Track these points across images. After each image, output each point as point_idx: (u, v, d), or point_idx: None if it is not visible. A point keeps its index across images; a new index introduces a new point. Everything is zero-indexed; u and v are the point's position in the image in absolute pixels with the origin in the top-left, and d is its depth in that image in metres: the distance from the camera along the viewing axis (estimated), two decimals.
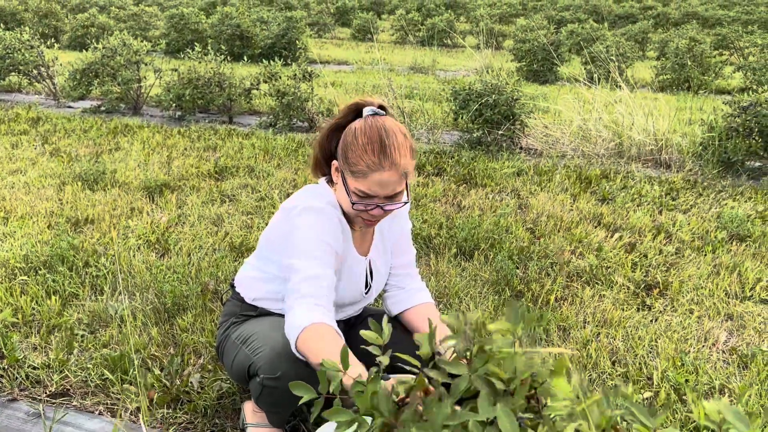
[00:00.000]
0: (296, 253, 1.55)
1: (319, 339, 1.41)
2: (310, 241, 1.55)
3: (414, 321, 1.79)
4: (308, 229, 1.56)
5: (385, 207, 1.55)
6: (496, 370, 1.04)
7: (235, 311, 1.79)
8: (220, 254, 2.93)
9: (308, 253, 1.54)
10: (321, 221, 1.57)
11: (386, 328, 1.18)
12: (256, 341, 1.65)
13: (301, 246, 1.55)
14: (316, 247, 1.55)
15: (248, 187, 3.98)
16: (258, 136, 5.34)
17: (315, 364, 1.40)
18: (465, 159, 4.80)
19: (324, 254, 1.55)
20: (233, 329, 1.76)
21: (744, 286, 2.85)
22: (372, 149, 1.49)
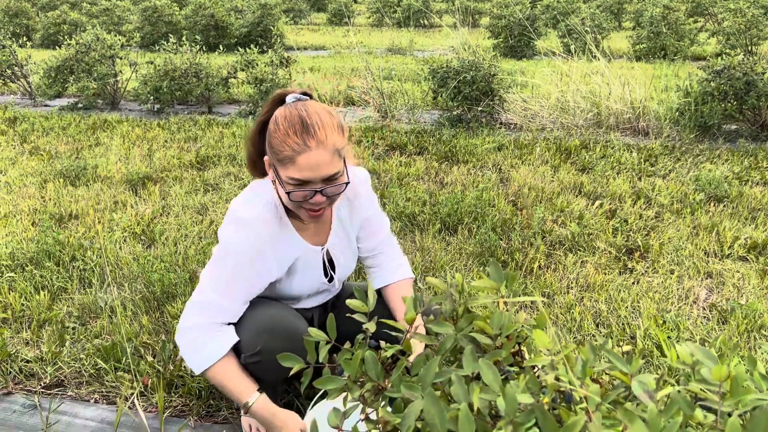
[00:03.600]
0: (211, 275, 1.55)
1: (228, 370, 1.54)
2: (225, 264, 1.54)
3: (391, 298, 1.81)
4: (230, 246, 1.54)
5: (325, 191, 1.47)
6: (484, 326, 1.08)
7: None
8: (207, 241, 2.95)
9: (223, 278, 1.54)
10: (242, 240, 1.54)
11: (371, 295, 1.21)
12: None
13: (217, 270, 1.55)
14: (228, 279, 1.54)
15: (231, 175, 3.99)
16: (238, 124, 5.33)
17: (223, 389, 1.55)
18: (446, 137, 4.83)
19: (241, 289, 1.56)
20: None
21: (722, 245, 2.92)
22: (294, 131, 1.43)
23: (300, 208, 1.52)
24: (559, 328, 2.24)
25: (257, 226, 1.54)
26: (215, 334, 1.54)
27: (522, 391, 0.93)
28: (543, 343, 1.00)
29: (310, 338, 1.17)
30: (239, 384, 1.54)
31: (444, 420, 0.81)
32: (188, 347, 1.54)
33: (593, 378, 1.06)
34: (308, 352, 1.16)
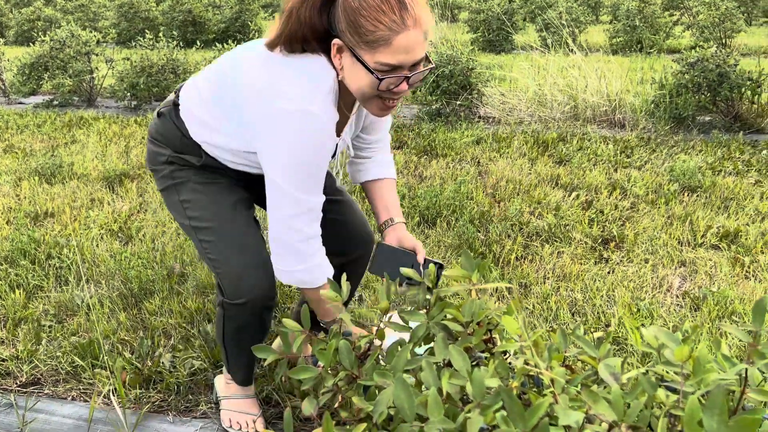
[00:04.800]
0: (287, 173, 1.35)
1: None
2: (309, 169, 1.36)
3: (374, 193, 1.71)
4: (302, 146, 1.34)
5: (411, 78, 1.29)
6: (456, 313, 1.09)
7: (174, 142, 1.57)
8: (184, 238, 2.94)
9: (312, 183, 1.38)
10: (318, 138, 1.34)
11: (344, 286, 1.22)
12: (215, 251, 1.55)
13: (293, 168, 1.35)
14: (311, 172, 1.38)
15: None
16: None
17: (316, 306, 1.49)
18: (425, 131, 4.84)
19: (319, 179, 1.40)
20: (180, 187, 1.59)
21: (695, 234, 2.97)
22: (390, 7, 1.22)
23: (378, 99, 1.34)
24: (536, 318, 2.27)
25: (325, 120, 1.33)
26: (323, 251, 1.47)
27: (491, 376, 0.95)
28: (512, 329, 1.02)
29: (284, 329, 1.18)
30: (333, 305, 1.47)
31: (413, 405, 0.82)
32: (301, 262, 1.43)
33: (567, 364, 1.08)
34: (283, 344, 1.17)
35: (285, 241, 1.42)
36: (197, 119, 1.51)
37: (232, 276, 1.54)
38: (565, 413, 0.79)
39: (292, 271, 1.45)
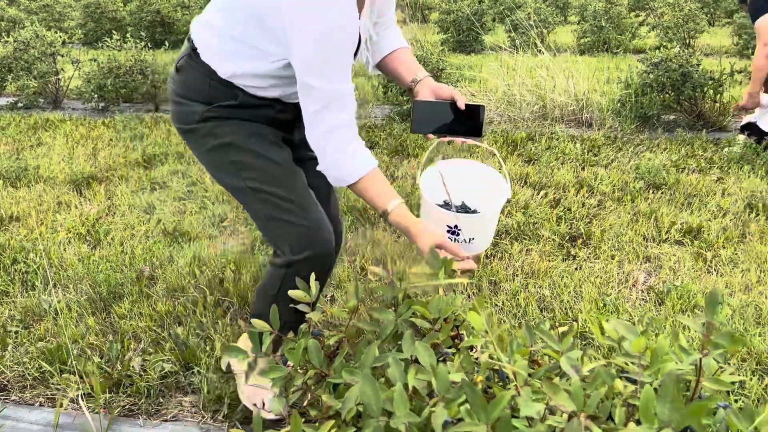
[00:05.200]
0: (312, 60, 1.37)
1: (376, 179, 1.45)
2: (329, 44, 1.36)
3: (392, 62, 1.67)
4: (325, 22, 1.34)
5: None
6: (423, 310, 1.11)
7: (203, 91, 1.55)
8: (153, 240, 2.91)
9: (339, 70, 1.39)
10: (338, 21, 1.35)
11: (314, 286, 1.23)
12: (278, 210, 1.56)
13: (317, 50, 1.36)
14: (342, 61, 1.39)
15: (179, 173, 3.94)
16: None
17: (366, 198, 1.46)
18: (396, 131, 4.86)
19: (344, 63, 1.40)
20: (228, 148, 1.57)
21: (660, 230, 3.04)
22: None
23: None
24: (505, 314, 2.31)
25: (344, 3, 1.37)
26: (358, 143, 1.45)
27: (456, 371, 0.97)
28: (477, 325, 1.04)
29: (253, 329, 1.19)
30: (384, 190, 1.45)
31: (379, 400, 0.84)
32: (341, 153, 1.43)
33: (534, 359, 1.11)
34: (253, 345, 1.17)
35: (318, 134, 1.42)
36: (221, 53, 1.51)
37: (302, 231, 1.56)
38: (526, 405, 0.81)
39: (330, 165, 1.44)
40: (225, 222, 3.21)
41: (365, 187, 1.45)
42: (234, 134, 1.57)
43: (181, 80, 1.58)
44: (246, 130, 1.58)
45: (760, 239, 2.92)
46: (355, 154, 1.44)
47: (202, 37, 1.54)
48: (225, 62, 1.51)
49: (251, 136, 1.58)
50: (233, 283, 2.48)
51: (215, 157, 1.60)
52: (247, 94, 1.55)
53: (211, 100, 1.55)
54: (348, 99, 1.43)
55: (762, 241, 2.90)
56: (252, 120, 1.59)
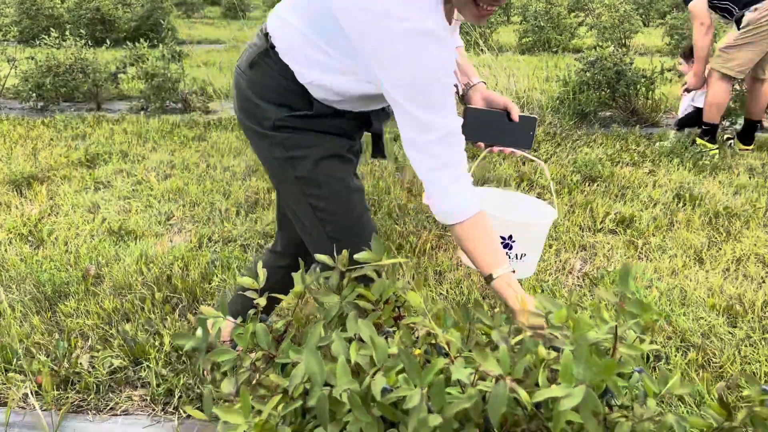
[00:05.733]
0: (416, 99, 1.27)
1: (484, 230, 1.34)
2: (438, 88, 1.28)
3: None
4: (425, 68, 1.25)
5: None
6: (365, 292, 1.18)
7: (277, 92, 1.46)
8: (98, 239, 2.89)
9: (443, 105, 1.29)
10: (441, 55, 1.27)
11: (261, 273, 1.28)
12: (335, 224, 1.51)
13: (420, 92, 1.27)
14: (446, 94, 1.30)
15: (123, 172, 3.89)
16: (129, 120, 5.18)
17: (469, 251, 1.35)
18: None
19: (449, 99, 1.31)
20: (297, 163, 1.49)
21: (595, 220, 3.19)
22: None
23: (473, 5, 1.27)
24: (450, 302, 2.40)
25: (442, 35, 1.27)
26: (468, 181, 1.35)
27: (396, 345, 1.04)
28: (416, 303, 1.11)
29: (202, 317, 1.23)
30: (491, 249, 1.33)
31: (323, 372, 0.90)
32: (446, 190, 1.33)
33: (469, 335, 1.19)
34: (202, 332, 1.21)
35: (427, 169, 1.33)
36: (302, 57, 1.40)
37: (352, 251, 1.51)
38: (458, 370, 0.89)
39: (438, 200, 1.35)
40: (172, 220, 3.20)
41: (469, 232, 1.35)
42: (304, 149, 1.49)
43: (254, 78, 1.48)
44: (318, 147, 1.49)
45: (686, 227, 3.10)
46: (465, 190, 1.34)
47: (284, 35, 1.42)
48: (306, 68, 1.41)
49: (320, 152, 1.49)
50: (181, 280, 2.49)
51: (281, 168, 1.52)
52: (321, 104, 1.46)
53: (285, 103, 1.46)
54: (460, 135, 1.34)
55: (688, 228, 3.09)
56: (324, 132, 1.50)
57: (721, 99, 4.19)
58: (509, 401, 0.95)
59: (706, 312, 2.34)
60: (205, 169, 3.95)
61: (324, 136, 1.49)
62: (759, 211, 3.29)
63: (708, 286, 2.52)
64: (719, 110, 4.23)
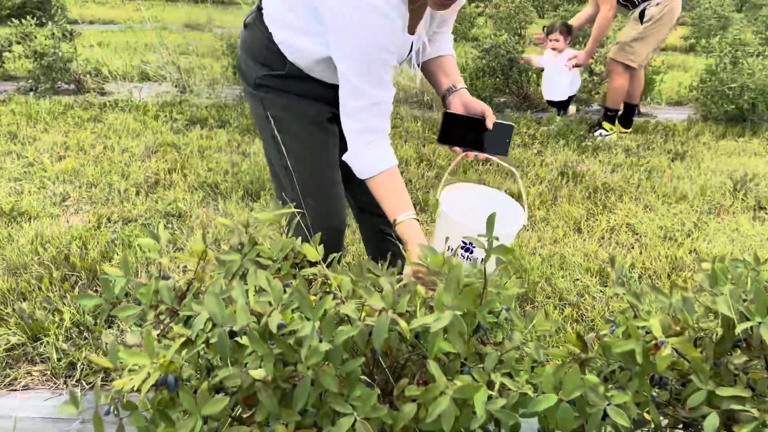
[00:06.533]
0: (353, 67, 1.40)
1: (392, 183, 1.47)
2: (376, 61, 1.39)
3: (434, 66, 1.68)
4: (367, 41, 1.37)
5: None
6: (264, 250, 1.26)
7: (261, 52, 1.60)
8: None
9: (377, 77, 1.41)
10: (383, 31, 1.37)
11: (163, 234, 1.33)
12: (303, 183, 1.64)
13: (358, 61, 1.39)
14: (382, 69, 1.41)
15: (12, 153, 3.73)
16: (17, 101, 4.92)
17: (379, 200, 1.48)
18: (248, 111, 4.91)
19: (385, 74, 1.43)
20: (275, 123, 1.63)
21: None
22: None
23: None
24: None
25: (392, 16, 1.37)
26: (384, 143, 1.48)
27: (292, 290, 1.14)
28: (311, 255, 1.21)
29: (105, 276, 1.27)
30: (398, 197, 1.47)
31: (223, 311, 0.98)
32: (366, 147, 1.46)
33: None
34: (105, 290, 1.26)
35: (349, 129, 1.46)
36: (279, 20, 1.53)
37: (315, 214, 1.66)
38: (346, 305, 1.00)
39: (354, 156, 1.48)
40: (67, 201, 3.12)
41: (380, 185, 1.48)
42: (281, 110, 1.62)
43: (244, 37, 1.62)
44: (292, 108, 1.62)
45: (568, 201, 3.38)
46: (378, 150, 1.47)
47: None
48: (282, 30, 1.53)
49: (297, 116, 1.63)
50: (80, 259, 2.46)
51: (262, 126, 1.66)
52: (293, 65, 1.57)
53: (265, 63, 1.59)
54: (388, 106, 1.47)
55: (570, 202, 3.37)
56: (302, 95, 1.62)
57: (624, 87, 4.58)
58: (394, 334, 1.07)
59: (581, 274, 2.59)
60: (102, 150, 3.85)
61: (301, 100, 1.62)
62: (632, 186, 3.63)
63: (584, 252, 2.78)
64: (622, 97, 4.62)
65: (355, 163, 1.50)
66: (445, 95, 1.66)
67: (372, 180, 1.49)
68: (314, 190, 1.68)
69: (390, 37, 1.40)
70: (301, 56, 1.55)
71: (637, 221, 3.14)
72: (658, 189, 3.58)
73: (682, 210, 3.32)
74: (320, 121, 1.67)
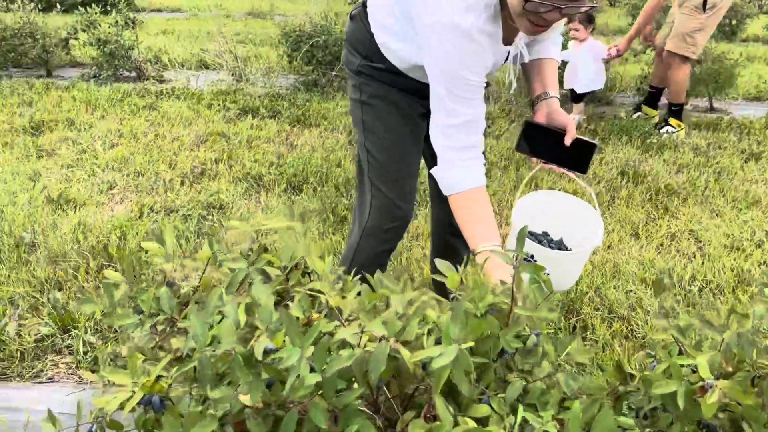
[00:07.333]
0: (442, 87, 1.37)
1: (476, 205, 1.40)
2: (462, 82, 1.35)
3: (532, 69, 1.59)
4: (454, 64, 1.34)
5: (564, 10, 1.23)
6: (273, 258, 1.18)
7: (364, 45, 1.61)
8: (35, 207, 2.83)
9: (464, 97, 1.37)
10: (467, 54, 1.34)
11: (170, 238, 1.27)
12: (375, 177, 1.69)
13: (447, 82, 1.36)
14: (465, 88, 1.36)
15: (68, 140, 3.80)
16: (79, 88, 5.04)
17: (459, 221, 1.42)
18: (300, 101, 4.87)
19: (474, 94, 1.38)
20: (366, 107, 1.66)
21: None
22: None
23: (526, 19, 1.29)
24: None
25: (473, 34, 1.32)
26: (475, 162, 1.42)
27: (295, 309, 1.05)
28: (320, 269, 1.12)
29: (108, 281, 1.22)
30: (482, 224, 1.39)
31: (206, 332, 0.90)
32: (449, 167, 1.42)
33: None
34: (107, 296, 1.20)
35: (438, 145, 1.42)
36: (381, 24, 1.55)
37: (383, 203, 1.70)
38: (342, 330, 0.90)
39: (440, 174, 1.44)
40: (114, 189, 3.15)
41: (461, 204, 1.42)
42: (374, 97, 1.65)
43: (350, 29, 1.66)
44: (387, 97, 1.64)
45: (627, 203, 3.17)
46: (467, 168, 1.41)
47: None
48: (381, 31, 1.55)
49: (388, 105, 1.65)
50: (118, 249, 2.46)
51: (354, 109, 1.70)
52: (392, 64, 1.59)
53: (367, 55, 1.61)
54: (479, 123, 1.41)
55: (629, 205, 3.16)
56: (399, 88, 1.63)
57: (686, 80, 4.31)
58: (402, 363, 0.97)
59: (635, 285, 2.41)
60: (154, 138, 3.88)
61: (397, 92, 1.63)
62: (698, 188, 3.37)
63: (640, 260, 2.59)
64: (684, 90, 4.35)
65: (441, 179, 1.46)
66: (534, 101, 1.58)
67: (453, 197, 1.44)
68: (387, 177, 1.70)
69: (478, 60, 1.37)
70: (400, 60, 1.57)
71: (702, 228, 2.91)
72: (728, 193, 3.32)
73: (753, 217, 3.05)
74: (411, 114, 1.67)
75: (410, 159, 1.73)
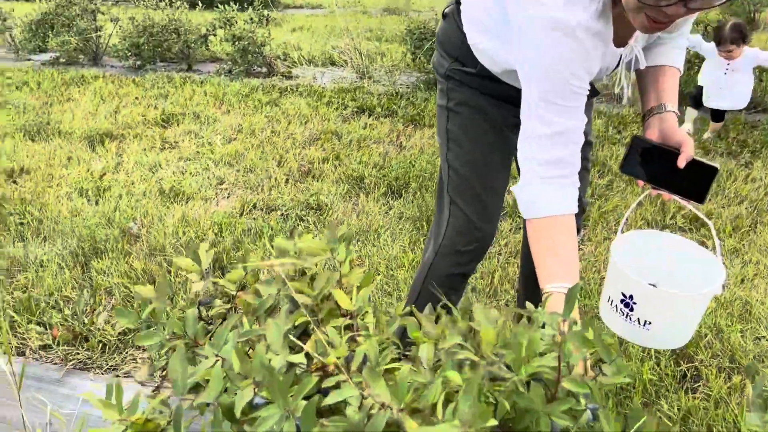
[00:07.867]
0: (536, 91, 1.20)
1: (558, 233, 1.20)
2: (560, 86, 1.18)
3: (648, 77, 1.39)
4: (553, 65, 1.17)
5: (692, 3, 1.04)
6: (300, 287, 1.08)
7: (455, 45, 1.49)
8: (149, 198, 2.96)
9: (562, 103, 1.19)
10: (571, 54, 1.16)
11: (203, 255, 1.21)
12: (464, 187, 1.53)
13: (542, 86, 1.19)
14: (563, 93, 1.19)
15: (191, 133, 3.98)
16: (212, 82, 5.29)
17: (532, 252, 1.22)
18: (418, 100, 4.77)
19: (573, 102, 1.20)
20: (452, 115, 1.54)
21: (665, 214, 2.90)
22: None
23: (642, 14, 1.11)
24: (478, 294, 2.25)
25: (578, 31, 1.15)
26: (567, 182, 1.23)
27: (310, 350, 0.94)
28: (344, 304, 1.00)
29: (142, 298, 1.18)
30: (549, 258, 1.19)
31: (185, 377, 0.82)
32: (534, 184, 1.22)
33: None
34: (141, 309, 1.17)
35: (526, 158, 1.24)
36: (475, 22, 1.42)
37: (465, 225, 1.56)
38: (339, 392, 0.78)
39: (521, 191, 1.25)
40: (224, 184, 3.23)
41: (540, 233, 1.21)
42: (462, 104, 1.53)
43: (441, 28, 1.57)
44: (475, 105, 1.51)
45: None
46: (556, 189, 1.21)
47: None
48: (474, 30, 1.42)
49: (476, 113, 1.51)
50: (212, 246, 2.50)
51: (440, 117, 1.59)
52: (484, 68, 1.45)
53: (458, 58, 1.50)
54: (576, 136, 1.22)
55: None
56: (490, 95, 1.50)
57: None
58: None
59: None
60: (270, 135, 3.96)
61: (487, 99, 1.50)
62: None
63: None
64: None
65: (521, 196, 1.23)
66: (645, 115, 1.35)
67: (532, 223, 1.21)
68: (468, 193, 1.55)
69: (582, 61, 1.18)
70: (492, 62, 1.43)
71: None
72: None
73: None
74: (501, 125, 1.51)
75: (496, 175, 1.56)
